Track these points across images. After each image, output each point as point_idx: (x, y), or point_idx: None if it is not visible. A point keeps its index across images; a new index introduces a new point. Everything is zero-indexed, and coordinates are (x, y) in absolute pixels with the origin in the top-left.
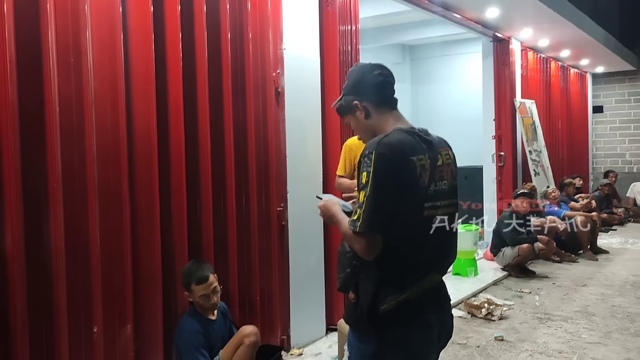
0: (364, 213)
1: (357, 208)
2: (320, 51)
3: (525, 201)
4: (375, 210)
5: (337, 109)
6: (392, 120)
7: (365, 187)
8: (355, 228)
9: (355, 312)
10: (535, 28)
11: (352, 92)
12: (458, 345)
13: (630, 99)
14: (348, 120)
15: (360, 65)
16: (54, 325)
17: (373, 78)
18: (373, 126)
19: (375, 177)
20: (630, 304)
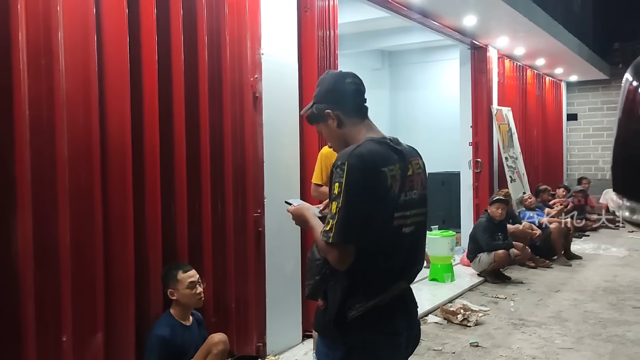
0: (337, 224)
1: (329, 219)
2: (299, 56)
3: (501, 207)
4: (348, 221)
5: (308, 117)
6: (364, 129)
7: (337, 197)
8: (328, 239)
9: (323, 319)
10: (512, 36)
11: (323, 100)
12: (434, 351)
13: (604, 107)
14: (319, 129)
15: (331, 73)
16: (21, 334)
17: (345, 86)
18: (345, 135)
19: (347, 188)
20: (602, 310)
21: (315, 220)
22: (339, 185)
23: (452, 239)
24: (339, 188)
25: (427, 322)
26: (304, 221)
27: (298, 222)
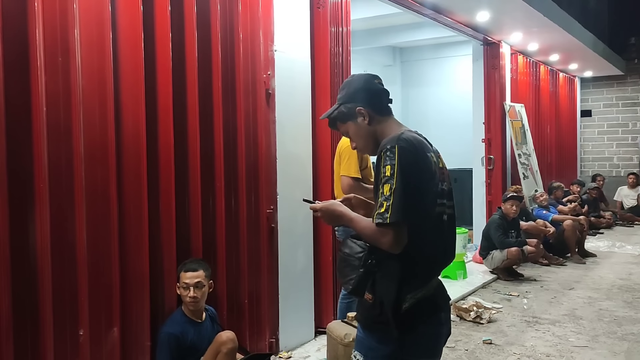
0: (393, 204)
1: (382, 201)
2: (311, 53)
3: (515, 204)
4: (403, 200)
5: (335, 118)
6: (395, 125)
7: (390, 179)
8: (384, 220)
9: (374, 313)
10: (525, 32)
11: (353, 99)
12: (447, 348)
13: (619, 104)
14: (346, 129)
15: (358, 75)
16: (39, 327)
17: (375, 86)
18: (375, 132)
19: (401, 169)
20: (617, 308)
21: (352, 213)
22: (390, 168)
23: (465, 236)
24: (391, 170)
25: None
26: (338, 216)
27: (330, 219)
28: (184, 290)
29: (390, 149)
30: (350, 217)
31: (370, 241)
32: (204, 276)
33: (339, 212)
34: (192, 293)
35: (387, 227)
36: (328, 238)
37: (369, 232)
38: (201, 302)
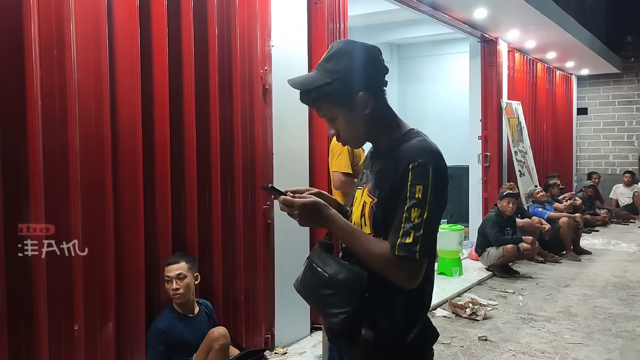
0: (424, 237)
1: (408, 229)
2: (309, 49)
3: (512, 202)
4: (434, 234)
5: (322, 94)
6: (395, 118)
7: (422, 203)
8: (412, 254)
9: (379, 352)
10: (522, 29)
11: (353, 79)
12: (442, 345)
13: (615, 102)
14: (332, 112)
15: (359, 44)
16: (33, 322)
17: (380, 64)
18: (372, 123)
19: (434, 195)
20: (611, 305)
21: (347, 221)
22: (423, 189)
23: (461, 233)
24: (423, 192)
25: (436, 315)
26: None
27: (310, 221)
28: (167, 283)
29: (423, 164)
30: (346, 227)
31: (375, 267)
32: (186, 268)
33: (326, 217)
34: (175, 285)
35: (410, 262)
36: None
37: (378, 258)
38: (187, 294)
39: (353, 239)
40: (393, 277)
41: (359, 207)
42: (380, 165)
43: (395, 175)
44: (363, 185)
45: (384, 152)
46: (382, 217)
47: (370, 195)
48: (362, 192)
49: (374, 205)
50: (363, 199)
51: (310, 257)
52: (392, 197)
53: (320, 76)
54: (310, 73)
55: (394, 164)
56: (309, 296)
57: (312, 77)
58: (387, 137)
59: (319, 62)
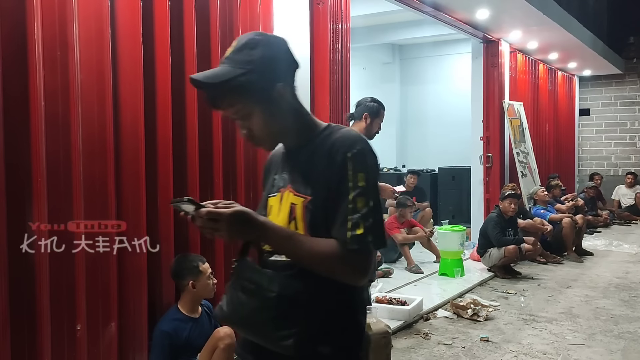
0: (375, 225)
1: (356, 219)
2: (311, 49)
3: (513, 203)
4: (383, 220)
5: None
6: (308, 113)
7: (366, 191)
8: (364, 245)
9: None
10: (525, 30)
11: (272, 71)
12: (444, 345)
13: (617, 103)
14: (244, 109)
15: (272, 36)
16: (36, 322)
17: (293, 57)
18: (287, 120)
19: (375, 181)
20: (614, 306)
21: (285, 228)
22: (365, 177)
23: (463, 233)
24: (365, 179)
25: (437, 316)
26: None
27: (240, 232)
28: (210, 280)
29: (361, 151)
30: (284, 232)
31: (324, 269)
32: None
33: (259, 225)
34: (215, 281)
35: (362, 255)
36: None
37: (327, 259)
38: None
39: (294, 244)
40: (345, 275)
41: (282, 212)
42: (305, 161)
43: (332, 167)
44: (280, 190)
45: (305, 149)
46: (321, 214)
47: (300, 194)
48: (281, 196)
49: (308, 203)
50: (289, 201)
51: (241, 276)
52: (331, 191)
53: (231, 68)
54: (217, 68)
55: (327, 157)
56: (246, 322)
57: (222, 70)
58: (306, 134)
59: (225, 56)
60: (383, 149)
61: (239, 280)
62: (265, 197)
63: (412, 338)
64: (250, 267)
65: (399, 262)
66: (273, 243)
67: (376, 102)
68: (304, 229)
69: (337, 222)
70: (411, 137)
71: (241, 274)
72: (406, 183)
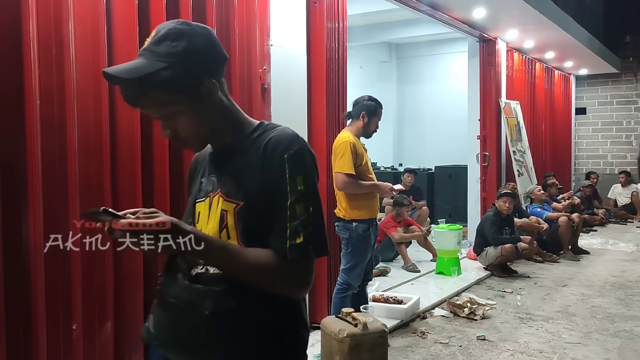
0: (317, 232)
1: (295, 226)
2: (307, 48)
3: (508, 201)
4: (324, 227)
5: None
6: (238, 110)
7: (306, 195)
8: (305, 253)
9: None
10: (521, 29)
11: (199, 64)
12: (441, 344)
13: (613, 102)
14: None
15: (194, 24)
16: (31, 322)
17: (220, 48)
18: (217, 119)
19: (314, 184)
20: (610, 305)
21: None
22: (304, 180)
23: (459, 232)
24: (304, 182)
25: (434, 315)
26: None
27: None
28: None
29: (299, 152)
30: (217, 243)
31: (261, 281)
32: None
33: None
34: None
35: (302, 265)
36: None
37: (264, 270)
38: None
39: (227, 256)
40: (284, 288)
41: (212, 219)
42: (236, 164)
43: (267, 170)
44: (209, 195)
45: (236, 150)
46: (256, 221)
47: (231, 200)
48: (210, 202)
49: (240, 210)
50: (219, 207)
51: (169, 294)
52: (266, 196)
53: (151, 62)
54: (135, 60)
55: (261, 158)
56: (178, 344)
57: (141, 63)
58: (237, 134)
59: (143, 48)
60: (380, 147)
61: (167, 298)
62: (192, 203)
63: (409, 337)
64: (179, 283)
65: (395, 260)
66: (203, 256)
67: (373, 101)
68: (237, 238)
69: (274, 231)
70: (408, 136)
71: (168, 291)
72: (403, 182)
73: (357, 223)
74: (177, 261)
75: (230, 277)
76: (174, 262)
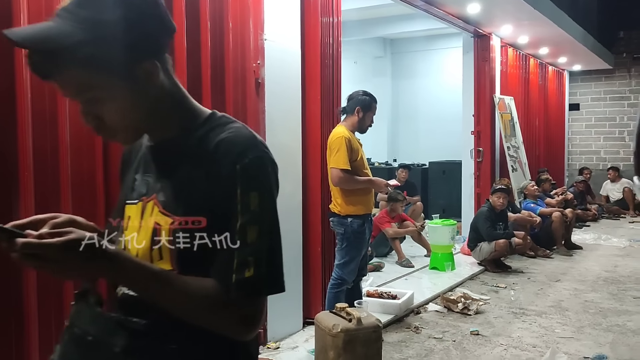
0: (269, 264)
1: (244, 255)
2: (302, 43)
3: (502, 197)
4: (281, 257)
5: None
6: (186, 95)
7: (260, 219)
8: (257, 292)
9: None
10: (515, 24)
11: (136, 38)
12: (435, 339)
13: (606, 97)
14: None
15: None
16: (23, 320)
17: (166, 17)
18: (164, 106)
19: (271, 201)
20: (602, 300)
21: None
22: (259, 198)
23: (453, 227)
24: (260, 200)
25: (428, 310)
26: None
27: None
28: None
29: (256, 162)
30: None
31: (198, 319)
32: None
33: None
34: None
35: (250, 304)
36: (317, 228)
37: (202, 306)
38: None
39: (157, 285)
40: (226, 328)
41: (144, 232)
42: (178, 166)
43: (214, 180)
44: (142, 198)
45: (180, 147)
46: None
47: (168, 213)
48: (143, 207)
49: (178, 228)
50: (152, 219)
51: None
52: (210, 213)
53: (69, 28)
54: (47, 23)
55: (207, 164)
56: None
57: (54, 29)
58: (181, 126)
59: (62, 7)
60: (374, 143)
61: (74, 327)
62: (122, 203)
63: (403, 332)
64: (90, 311)
65: (389, 256)
66: (127, 283)
67: (368, 96)
68: (170, 262)
69: (218, 259)
70: (402, 132)
71: (76, 319)
72: (397, 177)
73: (352, 218)
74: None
75: (156, 306)
76: (91, 285)
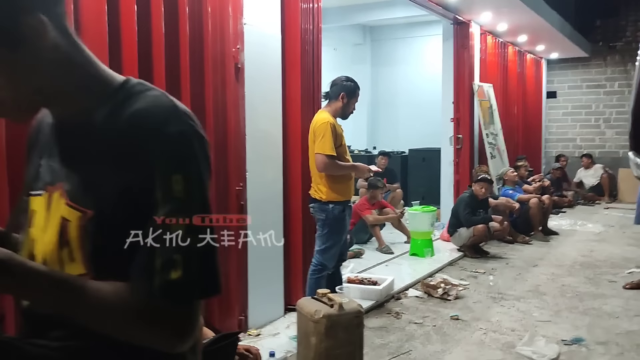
0: (199, 262)
1: (172, 255)
2: (282, 28)
3: (484, 187)
4: (214, 250)
5: None
6: (98, 63)
7: (186, 207)
8: (186, 297)
9: None
10: (495, 12)
11: None
12: (415, 324)
13: (583, 85)
14: None
15: None
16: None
17: None
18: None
19: (202, 184)
20: (579, 284)
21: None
22: (184, 181)
23: (433, 214)
24: (185, 186)
25: (408, 295)
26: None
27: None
28: None
29: (180, 136)
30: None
31: (118, 332)
32: None
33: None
34: None
35: (178, 311)
36: (298, 215)
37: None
38: None
39: (63, 294)
40: (150, 340)
41: (51, 229)
42: (86, 147)
43: (128, 163)
44: (47, 189)
45: (87, 123)
46: (111, 240)
47: (76, 206)
48: (48, 199)
49: (88, 222)
50: (59, 213)
51: None
52: (126, 202)
53: None
54: None
55: (119, 143)
56: None
57: None
58: (87, 97)
59: None
60: (354, 130)
61: None
62: (27, 194)
63: (384, 317)
64: None
65: (369, 242)
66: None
67: (352, 82)
68: (83, 264)
69: (137, 259)
70: (382, 119)
71: None
72: (377, 164)
73: (333, 204)
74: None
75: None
76: None
